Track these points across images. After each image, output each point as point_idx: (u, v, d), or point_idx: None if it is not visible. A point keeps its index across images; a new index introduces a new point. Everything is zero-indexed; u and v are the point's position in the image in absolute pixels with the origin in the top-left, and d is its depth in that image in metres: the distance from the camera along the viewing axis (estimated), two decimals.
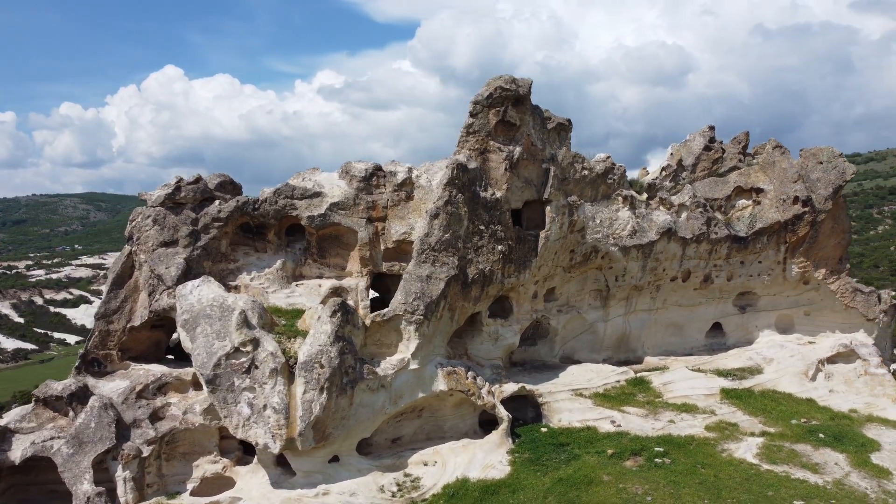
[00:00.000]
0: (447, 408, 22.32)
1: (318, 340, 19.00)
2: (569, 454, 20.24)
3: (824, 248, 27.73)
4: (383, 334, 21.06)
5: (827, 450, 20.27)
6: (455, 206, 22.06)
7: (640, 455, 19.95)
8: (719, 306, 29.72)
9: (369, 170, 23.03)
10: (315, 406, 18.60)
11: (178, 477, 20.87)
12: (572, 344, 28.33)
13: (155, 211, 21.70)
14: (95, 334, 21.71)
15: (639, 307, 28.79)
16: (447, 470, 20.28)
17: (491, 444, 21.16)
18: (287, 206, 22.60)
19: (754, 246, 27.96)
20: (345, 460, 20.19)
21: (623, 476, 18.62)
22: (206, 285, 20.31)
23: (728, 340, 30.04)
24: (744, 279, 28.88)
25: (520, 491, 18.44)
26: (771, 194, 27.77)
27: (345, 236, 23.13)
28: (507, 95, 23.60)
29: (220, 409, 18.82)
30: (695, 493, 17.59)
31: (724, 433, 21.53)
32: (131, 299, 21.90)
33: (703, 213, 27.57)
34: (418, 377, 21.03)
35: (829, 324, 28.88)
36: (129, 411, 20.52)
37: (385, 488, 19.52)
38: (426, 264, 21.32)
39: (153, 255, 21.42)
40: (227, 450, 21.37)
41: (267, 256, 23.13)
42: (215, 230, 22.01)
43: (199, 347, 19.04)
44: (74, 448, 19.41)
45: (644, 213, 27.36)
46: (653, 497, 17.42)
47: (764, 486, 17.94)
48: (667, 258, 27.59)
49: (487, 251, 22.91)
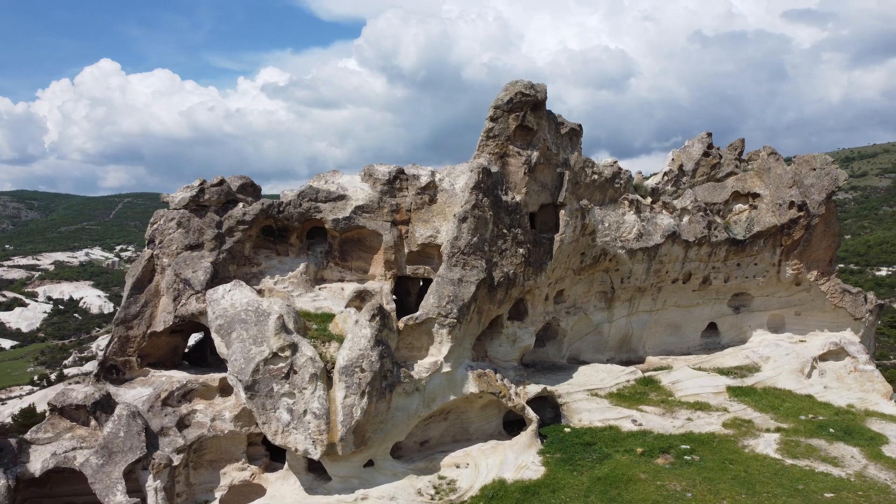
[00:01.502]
0: (474, 410, 22.50)
1: (358, 345, 18.92)
2: (599, 453, 20.66)
3: (816, 251, 29.02)
4: (415, 337, 21.09)
5: (840, 444, 21.27)
6: (481, 210, 22.25)
7: (669, 453, 20.56)
8: (715, 307, 30.76)
9: (392, 173, 23.01)
10: (356, 410, 18.52)
11: (206, 485, 20.47)
12: (578, 345, 28.88)
13: (179, 213, 21.20)
14: (114, 340, 21.06)
15: (640, 308, 29.56)
16: (480, 471, 20.46)
17: (521, 445, 21.43)
18: (311, 209, 22.39)
19: (751, 248, 29.04)
20: (380, 464, 20.15)
21: (658, 474, 19.15)
22: (238, 289, 19.98)
23: (722, 340, 31.11)
24: (739, 280, 29.95)
25: (559, 490, 18.75)
26: (767, 199, 28.90)
27: (367, 239, 23.05)
28: (526, 100, 23.93)
29: (259, 416, 18.54)
30: (730, 488, 18.23)
31: (740, 430, 22.35)
32: (152, 304, 21.31)
33: (703, 216, 28.50)
34: (450, 380, 21.15)
35: (818, 323, 30.23)
36: (156, 419, 20.02)
37: (422, 491, 19.57)
38: (457, 268, 21.46)
39: (178, 259, 20.92)
40: (255, 456, 21.09)
41: (289, 259, 22.85)
42: (240, 233, 21.65)
43: (236, 353, 18.73)
44: (104, 458, 18.79)
45: (649, 217, 28.11)
46: (692, 493, 17.97)
47: (793, 479, 18.74)
48: (670, 260, 28.41)
49: (511, 254, 23.18)
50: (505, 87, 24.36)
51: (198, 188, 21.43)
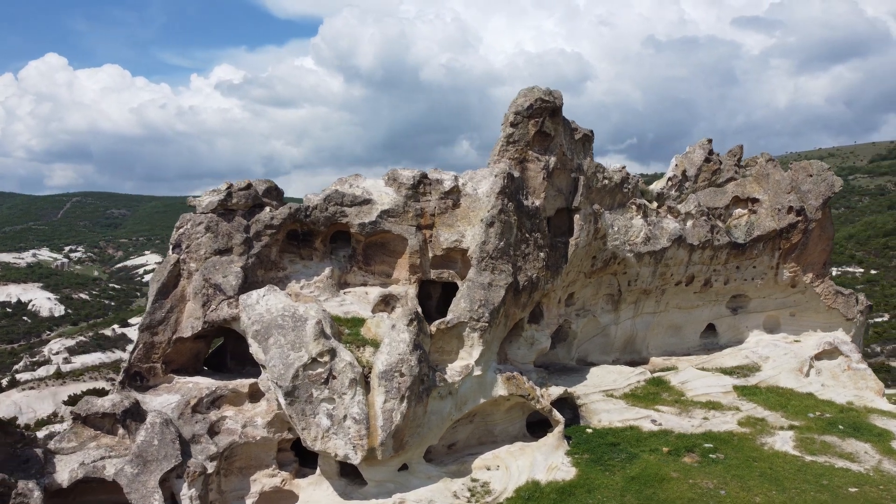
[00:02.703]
0: (500, 412, 22.74)
1: (397, 349, 18.98)
2: (627, 453, 21.13)
3: (812, 254, 30.15)
4: (445, 341, 21.22)
5: (852, 440, 22.20)
6: (507, 215, 22.52)
7: (694, 452, 21.16)
8: (714, 308, 31.67)
9: (416, 177, 23.09)
10: (395, 415, 18.58)
11: (237, 493, 20.23)
12: (586, 346, 29.41)
13: (207, 218, 20.89)
14: (139, 346, 20.64)
15: (644, 310, 30.25)
16: (512, 473, 20.71)
17: (548, 447, 21.76)
18: (337, 213, 22.32)
19: (751, 252, 30.01)
20: (414, 468, 20.23)
21: (689, 472, 19.71)
22: (273, 294, 19.82)
23: (720, 340, 32.06)
24: (738, 282, 30.91)
25: (595, 490, 19.13)
26: (766, 204, 29.91)
27: (391, 243, 23.09)
28: (546, 107, 24.31)
29: (298, 421, 18.43)
30: (760, 484, 18.88)
31: (756, 428, 23.12)
32: (177, 310, 20.96)
33: (706, 220, 29.33)
34: (480, 383, 21.36)
35: (811, 323, 31.39)
36: (187, 426, 19.71)
37: (458, 494, 19.73)
38: (486, 272, 21.67)
39: (206, 264, 20.62)
40: (284, 462, 20.92)
41: (313, 264, 22.73)
42: (267, 237, 21.46)
43: (275, 359, 18.60)
44: (139, 468, 18.42)
45: (655, 221, 28.79)
46: (726, 490, 18.57)
47: (817, 475, 19.51)
48: (675, 263, 29.15)
49: (533, 258, 23.51)
50: (523, 94, 24.68)
51: (225, 192, 21.16)
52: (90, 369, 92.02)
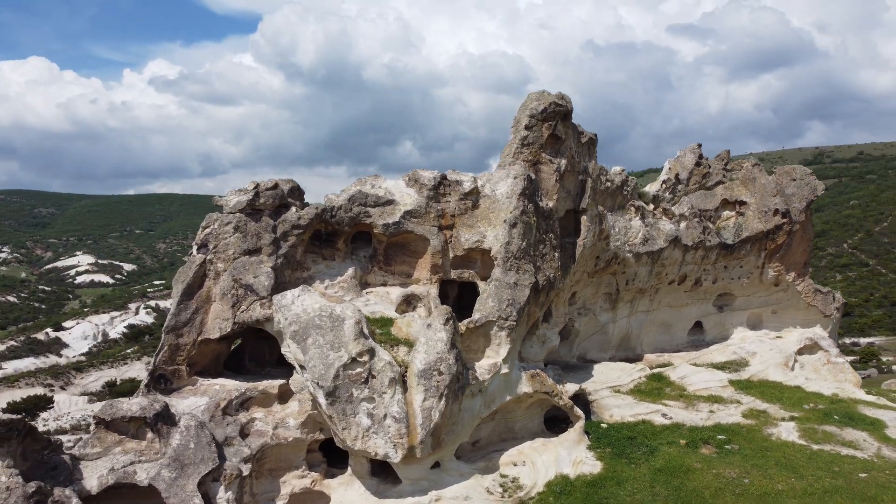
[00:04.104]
0: (520, 409, 23.20)
1: (435, 348, 19.21)
2: (647, 447, 21.89)
3: (795, 254, 31.74)
4: (472, 340, 21.51)
5: (850, 429, 23.57)
6: (528, 216, 23.01)
7: (710, 443, 22.09)
8: (702, 306, 32.95)
9: (437, 178, 23.36)
10: (434, 413, 18.81)
11: (268, 495, 20.09)
12: (585, 344, 30.19)
13: (236, 218, 20.64)
14: (165, 349, 20.25)
15: (639, 308, 31.26)
16: (538, 468, 21.19)
17: (570, 442, 22.33)
18: (361, 214, 22.39)
19: (739, 252, 31.37)
20: (445, 465, 20.48)
21: (710, 463, 20.60)
22: (308, 295, 19.77)
23: (707, 337, 33.36)
24: (726, 281, 32.26)
25: (624, 483, 19.79)
26: (753, 206, 31.34)
27: (412, 244, 23.28)
28: (559, 110, 24.92)
29: (338, 421, 18.46)
30: (779, 473, 19.90)
31: (759, 419, 24.27)
32: (202, 311, 20.64)
33: (699, 222, 30.54)
34: (507, 381, 21.77)
35: (791, 320, 33.02)
36: (219, 429, 19.48)
37: (491, 490, 20.09)
38: (511, 272, 22.09)
39: (235, 264, 20.38)
40: (313, 463, 20.88)
41: (336, 264, 22.72)
42: (294, 237, 21.35)
43: (314, 359, 18.59)
44: (176, 472, 18.10)
45: (652, 223, 29.80)
46: (749, 479, 19.50)
47: (827, 462, 20.68)
48: (670, 263, 30.24)
49: (550, 258, 24.08)
50: (535, 97, 25.22)
51: (252, 192, 20.96)
52: (25, 375, 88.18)
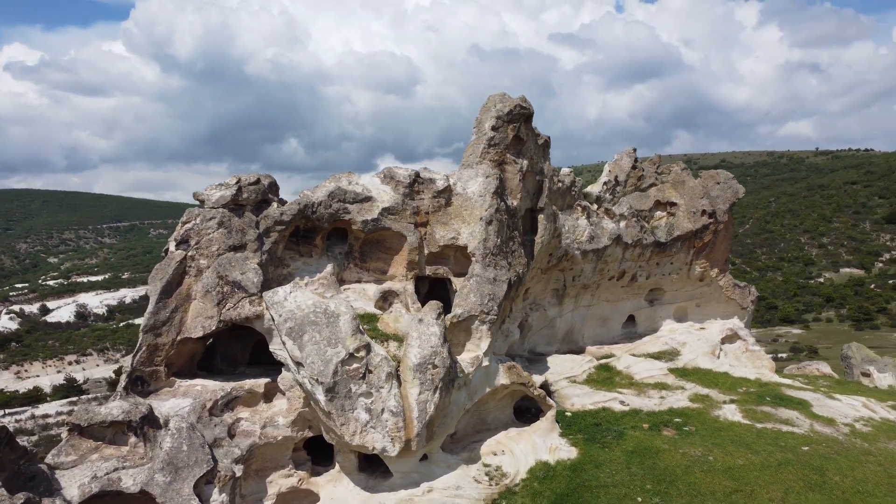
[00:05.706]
0: (494, 401, 23.92)
1: (429, 342, 19.61)
2: (615, 431, 23.27)
3: (718, 252, 34.53)
4: (454, 335, 22.02)
5: (783, 409, 26.06)
6: (501, 214, 23.83)
7: (669, 426, 23.78)
8: (635, 301, 35.12)
9: (412, 176, 23.69)
10: (429, 406, 19.22)
11: (255, 496, 19.71)
12: (535, 338, 31.41)
13: (220, 213, 20.05)
14: (143, 349, 19.36)
15: (582, 304, 32.90)
16: (518, 456, 22.02)
17: (543, 430, 23.31)
18: (340, 210, 22.35)
19: (670, 250, 33.73)
20: (433, 457, 20.87)
21: (675, 443, 22.23)
22: (300, 291, 19.57)
23: (639, 329, 35.58)
24: (658, 277, 34.56)
25: (602, 465, 20.98)
26: (683, 207, 33.79)
27: (388, 241, 23.48)
28: (523, 113, 25.94)
29: (337, 417, 18.45)
30: (736, 449, 21.79)
31: (705, 403, 26.33)
32: (182, 309, 19.91)
33: (637, 222, 32.58)
34: (487, 373, 22.45)
35: (713, 312, 35.87)
36: (207, 430, 18.92)
37: (478, 478, 20.69)
38: (490, 268, 22.80)
39: (220, 261, 19.80)
40: (299, 461, 20.65)
41: (313, 261, 22.53)
42: (276, 234, 21.01)
43: (312, 355, 18.49)
44: (171, 476, 17.41)
45: (596, 222, 31.49)
46: (713, 456, 21.24)
47: (773, 438, 22.85)
48: (612, 260, 32.05)
49: (518, 255, 24.99)
50: (499, 99, 26.11)
51: (235, 186, 20.44)
52: None
